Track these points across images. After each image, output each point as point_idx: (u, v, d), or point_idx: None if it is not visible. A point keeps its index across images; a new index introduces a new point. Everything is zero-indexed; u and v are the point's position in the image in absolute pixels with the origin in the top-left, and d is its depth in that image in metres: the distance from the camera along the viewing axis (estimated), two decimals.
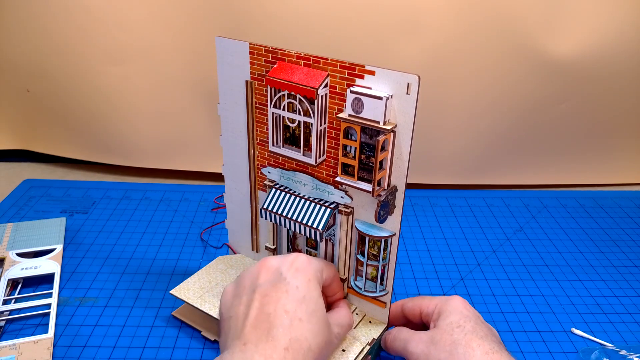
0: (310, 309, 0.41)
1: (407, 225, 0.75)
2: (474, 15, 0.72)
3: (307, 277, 0.43)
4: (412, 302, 0.50)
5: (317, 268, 0.44)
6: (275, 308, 0.40)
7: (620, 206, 0.82)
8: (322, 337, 0.41)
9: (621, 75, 0.78)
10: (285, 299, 0.41)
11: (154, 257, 0.65)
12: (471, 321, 0.44)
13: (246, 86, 0.48)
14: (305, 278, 0.42)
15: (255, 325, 0.39)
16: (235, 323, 0.41)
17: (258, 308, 0.41)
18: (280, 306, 0.40)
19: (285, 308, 0.40)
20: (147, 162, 0.85)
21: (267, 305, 0.40)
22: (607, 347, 0.53)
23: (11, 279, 0.58)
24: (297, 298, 0.41)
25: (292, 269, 0.43)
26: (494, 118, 0.80)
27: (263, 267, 0.44)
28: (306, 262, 0.44)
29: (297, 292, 0.41)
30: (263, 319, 0.40)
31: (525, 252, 0.70)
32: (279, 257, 0.45)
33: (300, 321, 0.40)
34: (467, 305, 0.47)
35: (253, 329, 0.39)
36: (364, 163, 0.43)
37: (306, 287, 0.42)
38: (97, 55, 0.76)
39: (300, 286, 0.42)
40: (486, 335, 0.43)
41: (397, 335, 0.48)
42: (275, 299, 0.41)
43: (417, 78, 0.39)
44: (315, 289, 0.42)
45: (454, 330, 0.43)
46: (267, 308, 0.40)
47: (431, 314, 0.47)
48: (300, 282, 0.42)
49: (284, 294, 0.41)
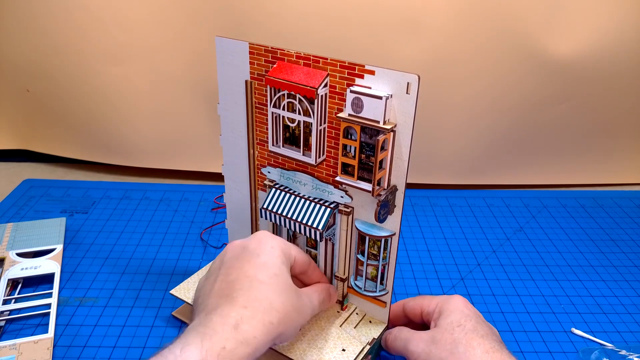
0: (271, 273, 0.41)
1: (407, 225, 0.75)
2: (474, 15, 0.72)
3: (268, 245, 0.43)
4: (414, 301, 0.50)
5: (281, 240, 0.45)
6: (237, 275, 0.41)
7: (620, 206, 0.82)
8: (286, 298, 0.41)
9: (621, 75, 0.78)
10: (247, 266, 0.41)
11: (154, 257, 0.65)
12: (472, 320, 0.44)
13: (246, 86, 0.48)
14: (267, 246, 0.43)
15: (217, 294, 0.40)
16: (202, 299, 0.41)
17: (221, 279, 0.41)
18: (242, 272, 0.41)
19: (247, 274, 0.41)
20: (147, 162, 0.85)
21: (230, 275, 0.41)
22: (607, 347, 0.53)
23: (11, 279, 0.58)
24: (258, 263, 0.42)
25: (254, 241, 0.44)
26: (494, 118, 0.80)
27: (229, 246, 0.45)
28: (268, 235, 0.45)
29: (259, 258, 0.42)
30: (225, 286, 0.40)
31: (525, 252, 0.70)
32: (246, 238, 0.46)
33: (260, 282, 0.40)
34: (468, 304, 0.47)
35: (215, 298, 0.40)
36: (363, 163, 0.43)
37: (268, 254, 0.43)
38: (97, 55, 0.76)
39: (261, 254, 0.42)
40: (487, 334, 0.43)
41: (397, 334, 0.48)
42: (237, 267, 0.42)
43: (417, 78, 0.39)
44: (277, 256, 0.43)
45: (455, 329, 0.43)
46: (230, 277, 0.41)
47: (432, 313, 0.47)
48: (261, 251, 0.43)
49: (246, 263, 0.42)
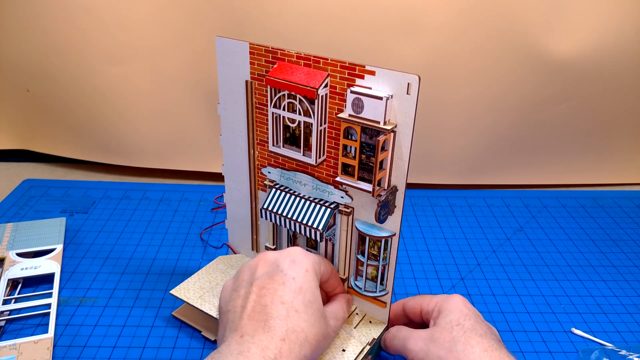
0: (306, 300, 0.41)
1: (407, 225, 0.75)
2: (474, 15, 0.72)
3: (303, 268, 0.43)
4: (413, 300, 0.50)
5: (314, 260, 0.44)
6: (272, 299, 0.40)
7: (620, 206, 0.82)
8: (318, 329, 0.41)
9: (621, 75, 0.78)
10: (282, 290, 0.41)
11: (154, 257, 0.65)
12: (471, 319, 0.44)
13: (246, 86, 0.48)
14: (302, 269, 0.43)
15: (252, 317, 0.40)
16: (232, 316, 0.41)
17: (255, 300, 0.41)
18: (277, 297, 0.40)
19: (282, 299, 0.40)
20: (147, 162, 0.85)
21: (264, 297, 0.41)
22: (607, 347, 0.53)
23: (11, 279, 0.58)
24: (293, 289, 0.41)
25: (288, 261, 0.43)
26: (494, 118, 0.80)
27: (261, 260, 0.44)
28: (302, 254, 0.44)
29: (294, 283, 0.41)
30: (260, 310, 0.40)
31: (525, 252, 0.70)
32: (278, 251, 0.45)
33: (296, 312, 0.40)
34: (467, 303, 0.47)
35: (250, 321, 0.39)
36: (364, 163, 0.43)
37: (303, 278, 0.42)
38: (97, 55, 0.76)
39: (297, 277, 0.42)
40: (485, 333, 0.43)
41: (396, 333, 0.48)
42: (272, 290, 0.41)
43: (417, 78, 0.39)
44: (312, 280, 0.43)
45: (454, 328, 0.43)
46: (264, 300, 0.40)
47: (431, 312, 0.47)
48: (296, 273, 0.42)
49: (280, 286, 0.41)
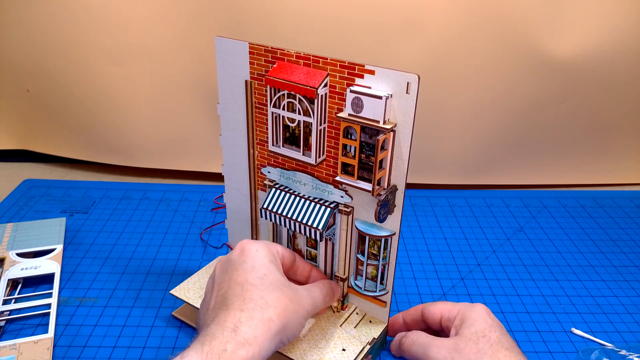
0: (261, 274, 0.42)
1: (407, 225, 0.75)
2: (474, 15, 0.72)
3: (252, 250, 0.43)
4: (434, 306, 0.49)
5: (264, 243, 0.45)
6: (229, 285, 0.41)
7: (620, 206, 0.82)
8: (280, 292, 0.41)
9: (621, 75, 0.78)
10: (236, 274, 0.42)
11: (154, 257, 0.65)
12: (496, 331, 0.44)
13: (246, 86, 0.48)
14: (251, 251, 0.43)
15: (214, 308, 0.40)
16: (202, 319, 0.42)
17: (215, 296, 0.42)
18: (232, 282, 0.41)
19: (237, 281, 0.41)
20: (147, 162, 0.85)
21: (222, 289, 0.42)
22: (607, 347, 0.53)
23: (11, 279, 0.58)
24: (246, 269, 0.42)
25: (237, 252, 0.44)
26: (493, 118, 0.80)
27: (217, 264, 0.45)
28: (250, 242, 0.45)
29: (246, 264, 0.42)
30: (220, 300, 0.41)
31: (525, 252, 0.70)
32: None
33: (252, 285, 0.40)
34: (491, 313, 0.46)
35: (213, 311, 0.40)
36: (363, 162, 0.43)
37: (254, 257, 0.43)
38: (97, 55, 0.76)
39: (247, 259, 0.43)
40: (512, 346, 0.43)
41: (416, 339, 0.47)
42: (227, 279, 0.42)
43: (416, 77, 0.39)
44: (263, 257, 0.43)
45: (480, 340, 0.43)
46: (222, 290, 0.41)
47: (453, 320, 0.47)
48: (246, 257, 0.43)
49: (234, 272, 0.42)
